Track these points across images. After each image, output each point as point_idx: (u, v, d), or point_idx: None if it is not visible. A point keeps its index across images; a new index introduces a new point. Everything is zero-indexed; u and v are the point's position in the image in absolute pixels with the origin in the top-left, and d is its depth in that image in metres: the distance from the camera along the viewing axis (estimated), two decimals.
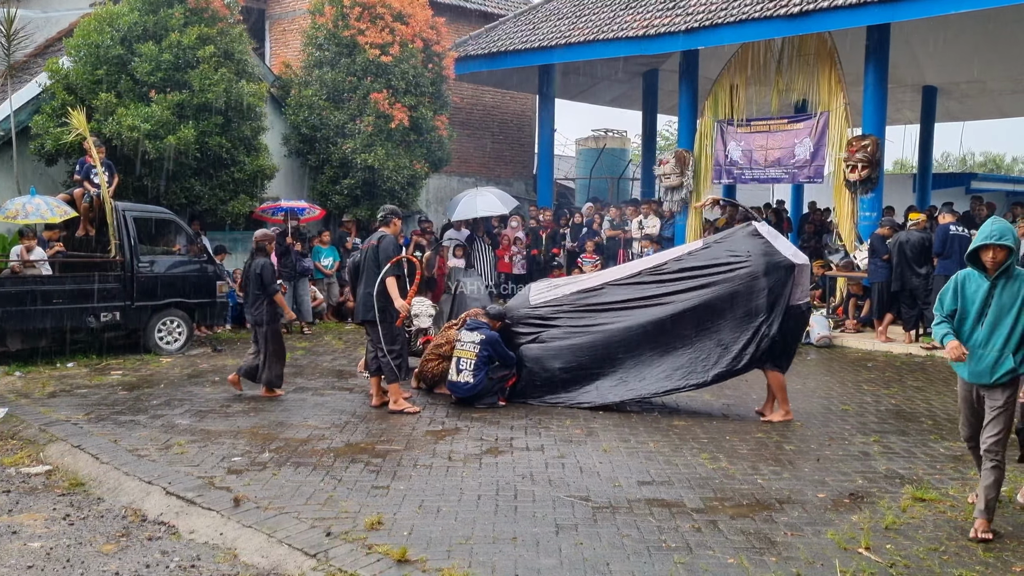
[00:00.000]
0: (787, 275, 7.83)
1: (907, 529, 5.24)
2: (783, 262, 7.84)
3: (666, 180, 16.22)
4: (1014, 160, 49.97)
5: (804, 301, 8.09)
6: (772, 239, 8.05)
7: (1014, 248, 5.01)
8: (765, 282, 7.83)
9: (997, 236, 4.98)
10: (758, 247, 7.98)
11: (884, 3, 12.59)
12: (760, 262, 7.87)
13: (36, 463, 6.78)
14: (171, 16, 13.08)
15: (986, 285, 5.11)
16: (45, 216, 11.16)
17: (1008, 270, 5.06)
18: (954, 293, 5.26)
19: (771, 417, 7.98)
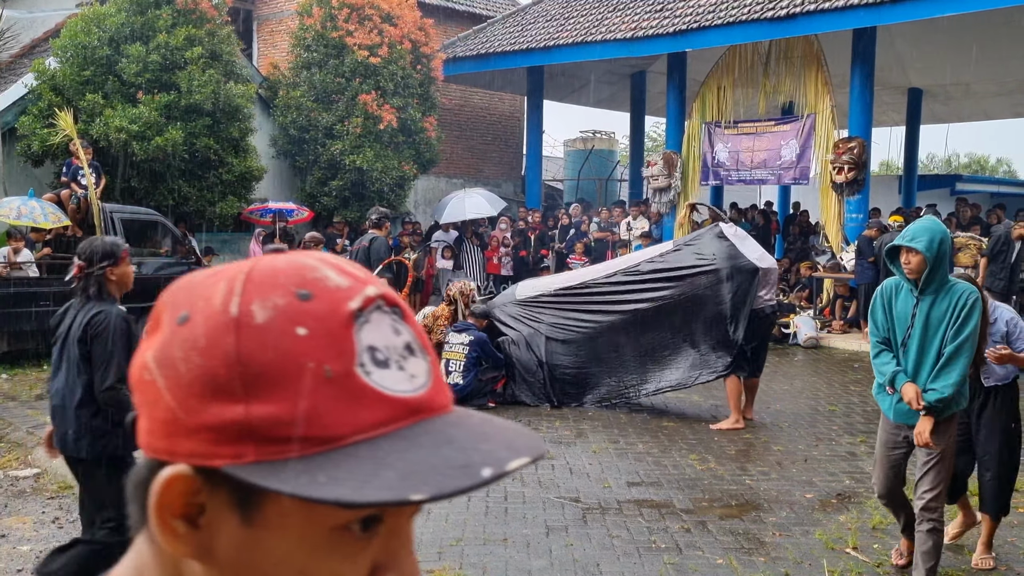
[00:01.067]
0: (751, 279, 7.74)
1: (894, 529, 5.28)
2: (747, 266, 7.77)
3: (654, 182, 16.29)
4: (999, 161, 50.40)
5: (769, 305, 8.00)
6: (738, 241, 8.00)
7: (935, 254, 4.03)
8: (729, 286, 7.78)
9: (909, 237, 4.09)
10: (723, 250, 7.93)
11: (870, 7, 12.70)
12: (725, 265, 7.83)
13: (24, 466, 6.75)
14: (159, 17, 13.05)
15: (912, 302, 4.19)
16: (37, 220, 11.08)
17: (936, 282, 4.11)
18: (884, 309, 4.34)
19: (719, 425, 7.82)
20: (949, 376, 4.05)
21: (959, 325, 4.05)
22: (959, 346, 4.04)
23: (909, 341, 4.18)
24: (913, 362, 4.19)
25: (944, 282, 4.13)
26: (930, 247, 4.01)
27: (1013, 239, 11.56)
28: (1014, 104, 21.86)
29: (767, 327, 8.18)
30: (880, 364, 4.32)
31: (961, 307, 4.06)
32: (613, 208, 17.63)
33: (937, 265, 4.05)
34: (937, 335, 4.12)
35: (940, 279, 4.11)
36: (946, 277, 4.14)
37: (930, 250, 4.01)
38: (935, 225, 4.15)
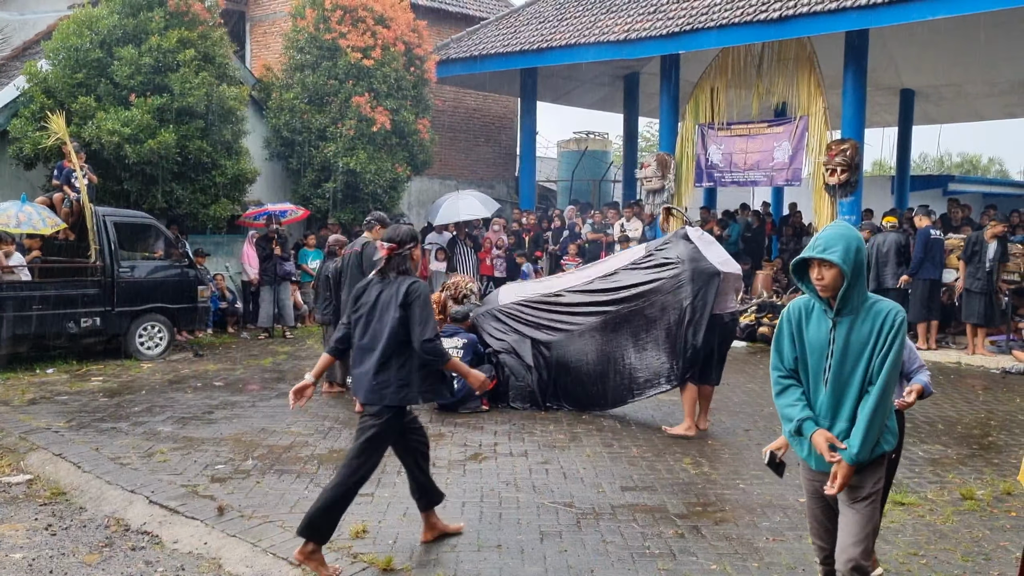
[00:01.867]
0: (711, 282, 7.62)
1: (886, 533, 5.30)
2: (708, 268, 7.65)
3: (648, 183, 16.32)
4: (991, 161, 50.57)
5: (729, 311, 7.83)
6: (703, 245, 7.89)
7: (852, 266, 3.45)
8: (690, 289, 7.67)
9: (821, 247, 3.49)
10: (687, 252, 7.83)
11: (862, 9, 12.73)
12: (687, 268, 7.73)
13: (17, 472, 6.73)
14: (151, 19, 13.01)
15: (828, 325, 3.56)
16: (37, 227, 11.05)
17: (855, 300, 3.50)
18: (792, 336, 3.68)
19: (672, 431, 7.73)
20: (872, 423, 3.44)
21: (885, 352, 3.43)
22: (886, 383, 3.42)
23: (828, 373, 3.52)
24: (830, 399, 3.53)
25: (864, 300, 3.52)
26: (846, 258, 3.44)
27: (987, 240, 11.62)
28: (1006, 105, 21.94)
29: (727, 334, 7.95)
30: (784, 406, 3.66)
31: (888, 330, 3.45)
32: (607, 210, 17.64)
33: (855, 279, 3.47)
34: (860, 365, 3.49)
35: (859, 296, 3.50)
36: (865, 293, 3.54)
37: (847, 262, 3.43)
38: (849, 232, 3.55)
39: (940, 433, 7.93)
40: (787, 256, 17.21)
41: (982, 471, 6.71)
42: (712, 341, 7.69)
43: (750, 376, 10.67)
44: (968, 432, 8.00)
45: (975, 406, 9.10)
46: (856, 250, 3.47)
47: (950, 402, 9.29)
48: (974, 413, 8.78)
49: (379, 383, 4.80)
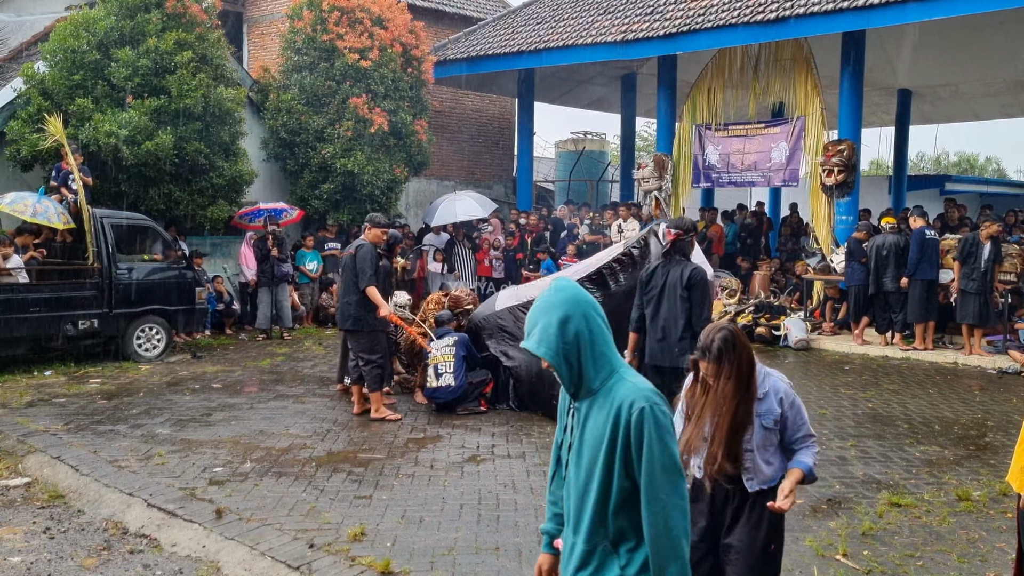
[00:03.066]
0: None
1: (884, 535, 5.32)
2: None
3: (645, 184, 16.33)
4: (988, 160, 50.63)
5: None
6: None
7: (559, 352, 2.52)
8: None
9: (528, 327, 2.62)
10: (656, 251, 7.57)
11: (859, 10, 12.75)
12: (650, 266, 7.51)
13: (15, 475, 6.73)
14: (148, 21, 13.00)
15: (567, 405, 2.71)
16: (52, 220, 11.11)
17: (587, 381, 2.57)
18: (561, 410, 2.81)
19: None
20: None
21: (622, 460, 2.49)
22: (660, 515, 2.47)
23: (567, 470, 2.67)
24: (574, 503, 2.63)
25: (605, 378, 2.56)
26: (545, 341, 2.53)
27: (982, 240, 11.64)
28: (1002, 105, 21.99)
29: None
30: (547, 498, 2.90)
31: (625, 428, 2.48)
32: (603, 210, 17.66)
33: (576, 360, 2.54)
34: (596, 469, 2.53)
35: (590, 375, 2.55)
36: (604, 370, 2.56)
37: (546, 345, 2.53)
38: (553, 300, 2.56)
39: (936, 434, 7.95)
40: (784, 256, 17.26)
41: (978, 472, 6.72)
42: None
43: None
44: (965, 433, 8.02)
45: (972, 407, 9.12)
46: (561, 324, 2.52)
47: (947, 403, 9.31)
48: (971, 414, 8.80)
49: (680, 350, 5.86)
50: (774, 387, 3.42)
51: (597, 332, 2.59)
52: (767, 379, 3.43)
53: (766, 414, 3.37)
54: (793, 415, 3.42)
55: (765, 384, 3.40)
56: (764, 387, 3.39)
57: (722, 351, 3.24)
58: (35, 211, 10.93)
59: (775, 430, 3.39)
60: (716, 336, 3.27)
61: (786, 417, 3.40)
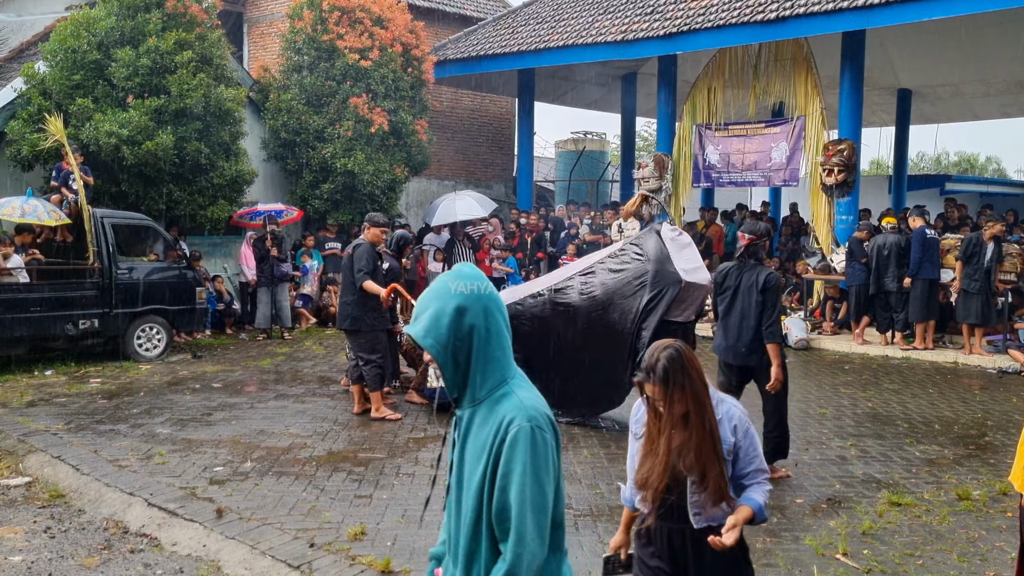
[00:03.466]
0: (670, 289, 7.30)
1: (883, 534, 5.33)
2: (671, 275, 7.33)
3: (645, 184, 16.32)
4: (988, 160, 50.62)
5: (682, 320, 7.44)
6: (675, 247, 7.56)
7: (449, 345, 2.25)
8: (648, 293, 7.38)
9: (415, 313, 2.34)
10: (655, 251, 7.54)
11: (859, 10, 12.75)
12: (651, 269, 7.44)
13: (15, 475, 6.74)
14: (148, 21, 13.00)
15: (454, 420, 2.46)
16: (41, 219, 11.11)
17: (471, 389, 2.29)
18: None
19: None
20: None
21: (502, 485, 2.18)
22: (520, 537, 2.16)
23: (450, 491, 2.39)
24: (453, 526, 2.37)
25: (494, 386, 2.27)
26: (434, 330, 2.24)
27: (986, 240, 11.65)
28: (1002, 105, 21.99)
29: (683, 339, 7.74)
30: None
31: (499, 445, 2.20)
32: (603, 210, 17.67)
33: (465, 359, 2.26)
34: (472, 489, 2.26)
35: (480, 381, 2.27)
36: (497, 376, 2.28)
37: (434, 336, 2.24)
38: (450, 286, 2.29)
39: (937, 433, 7.96)
40: (784, 255, 17.26)
41: (978, 471, 6.73)
42: None
43: None
44: (965, 432, 8.02)
45: (972, 406, 9.13)
46: (456, 313, 2.24)
47: (947, 402, 9.31)
48: (971, 413, 8.80)
49: (750, 348, 6.22)
50: (728, 414, 3.09)
51: (495, 332, 2.27)
52: (721, 405, 3.09)
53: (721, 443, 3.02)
54: (747, 445, 3.08)
55: (719, 410, 3.06)
56: (717, 413, 3.04)
57: (668, 372, 2.85)
58: (23, 212, 10.91)
59: (728, 460, 3.04)
60: (661, 355, 2.88)
61: (739, 447, 3.05)
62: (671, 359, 2.87)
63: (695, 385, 2.90)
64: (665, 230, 7.74)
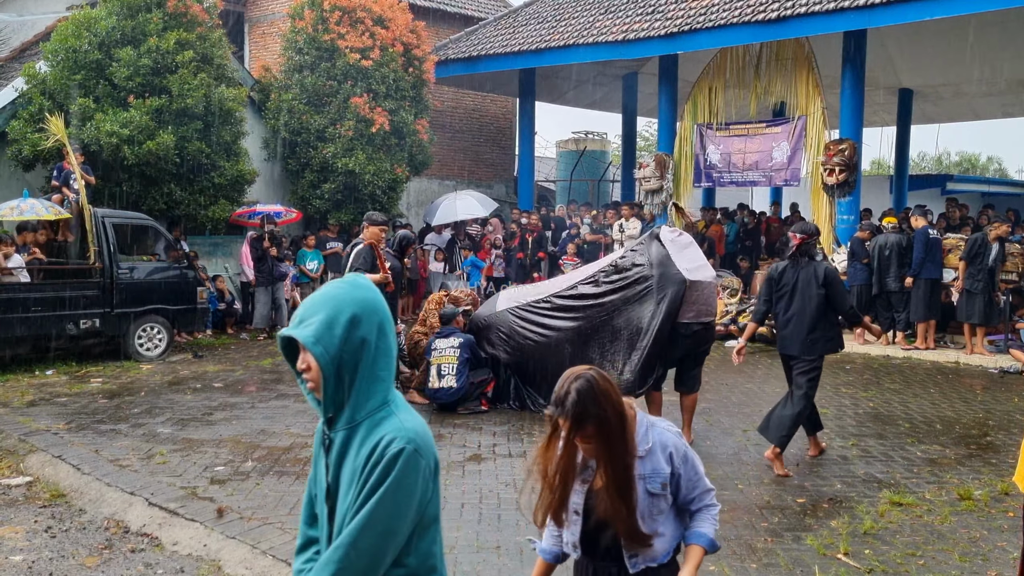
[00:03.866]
0: (676, 291, 7.23)
1: (885, 534, 5.32)
2: (675, 276, 7.26)
3: (646, 183, 16.33)
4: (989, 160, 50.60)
5: (698, 321, 7.32)
6: (676, 248, 7.51)
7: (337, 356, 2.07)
8: (655, 297, 7.33)
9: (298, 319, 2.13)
10: (656, 256, 7.51)
11: (860, 9, 12.75)
12: (654, 273, 7.41)
13: (16, 474, 6.74)
14: (149, 21, 13.01)
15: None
16: (40, 213, 11.14)
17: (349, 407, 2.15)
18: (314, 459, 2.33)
19: None
20: None
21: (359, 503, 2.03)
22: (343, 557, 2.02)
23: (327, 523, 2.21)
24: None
25: (375, 407, 2.12)
26: (326, 337, 2.07)
27: (990, 241, 11.64)
28: (1004, 104, 21.97)
29: (695, 344, 7.40)
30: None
31: (373, 467, 2.04)
32: (605, 210, 17.66)
33: (351, 375, 2.10)
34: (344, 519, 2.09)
35: (360, 401, 2.12)
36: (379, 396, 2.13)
37: (325, 343, 2.07)
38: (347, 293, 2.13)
39: (938, 433, 7.95)
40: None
41: (980, 471, 6.72)
42: (678, 351, 7.35)
43: (748, 376, 10.68)
44: (966, 432, 8.01)
45: (973, 406, 9.12)
46: (350, 323, 2.08)
47: (948, 402, 9.30)
48: (972, 413, 8.79)
49: (811, 340, 6.61)
50: (660, 441, 2.70)
51: (384, 351, 2.12)
52: (651, 431, 2.71)
53: (652, 476, 2.66)
54: (688, 471, 2.74)
55: (648, 438, 2.69)
56: (647, 442, 2.68)
57: (578, 405, 2.51)
58: (21, 210, 10.96)
59: (664, 495, 2.69)
60: (572, 386, 2.55)
61: (678, 475, 2.71)
62: (581, 390, 2.53)
63: (609, 421, 2.54)
64: (664, 233, 7.71)
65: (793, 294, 6.70)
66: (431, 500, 2.13)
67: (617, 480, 2.58)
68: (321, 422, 2.22)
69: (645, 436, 2.69)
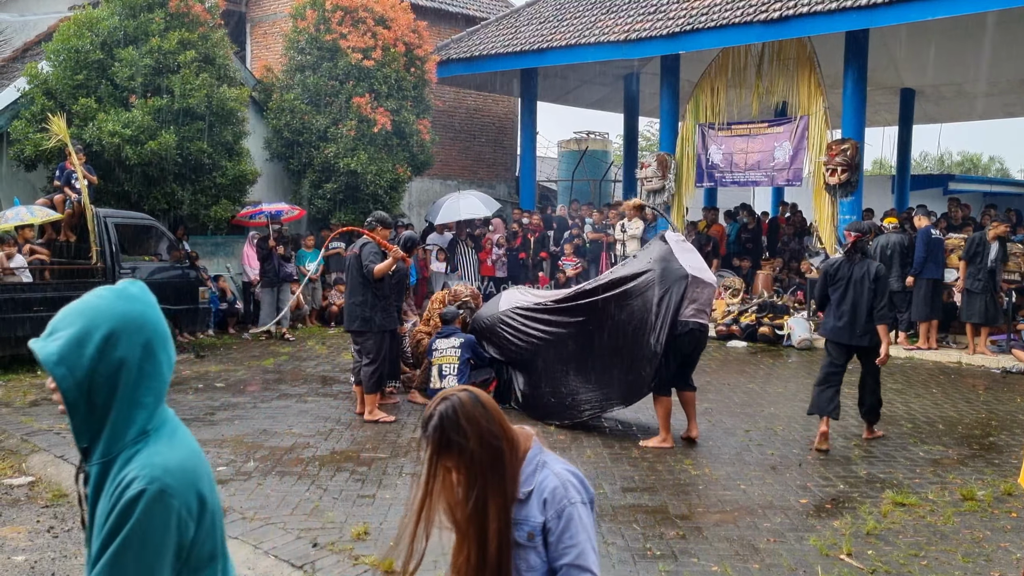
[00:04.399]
0: (678, 284, 7.18)
1: (887, 535, 5.31)
2: (677, 270, 7.24)
3: (648, 183, 16.31)
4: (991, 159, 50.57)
5: (695, 320, 7.24)
6: (680, 250, 7.49)
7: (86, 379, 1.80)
8: (657, 291, 7.26)
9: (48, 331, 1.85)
10: (659, 252, 7.51)
11: (862, 9, 12.73)
12: (656, 268, 7.37)
13: (18, 474, 6.74)
14: (151, 21, 13.02)
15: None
16: (24, 219, 11.13)
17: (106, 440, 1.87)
18: None
19: (646, 443, 7.37)
20: None
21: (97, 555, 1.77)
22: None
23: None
24: None
25: (137, 437, 1.85)
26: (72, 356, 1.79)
27: (989, 240, 11.63)
28: (1006, 104, 21.94)
29: (693, 345, 7.36)
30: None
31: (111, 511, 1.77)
32: (607, 209, 17.64)
33: (106, 401, 1.82)
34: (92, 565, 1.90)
35: (115, 432, 1.84)
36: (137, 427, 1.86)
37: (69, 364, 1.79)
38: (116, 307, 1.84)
39: (941, 433, 7.94)
40: (787, 255, 17.23)
41: (983, 471, 6.71)
42: (683, 349, 7.29)
43: (750, 376, 10.68)
44: (969, 432, 8.01)
45: (976, 406, 9.11)
46: (104, 341, 1.79)
47: (951, 402, 9.30)
48: (975, 413, 8.79)
49: (864, 330, 7.33)
50: (541, 485, 2.24)
51: (150, 374, 1.85)
52: (539, 472, 2.26)
53: (522, 523, 2.22)
54: (560, 529, 2.19)
55: (533, 479, 2.25)
56: (530, 483, 2.24)
57: (437, 430, 2.18)
58: (6, 217, 10.98)
59: (534, 547, 2.21)
60: (436, 408, 2.22)
61: (549, 529, 2.20)
62: (444, 414, 2.19)
63: (471, 452, 2.16)
64: (669, 235, 7.75)
65: (848, 288, 7.33)
66: (200, 541, 1.83)
67: (477, 524, 2.15)
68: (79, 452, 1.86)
69: (531, 477, 2.24)
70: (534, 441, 2.31)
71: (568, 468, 2.32)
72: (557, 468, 2.28)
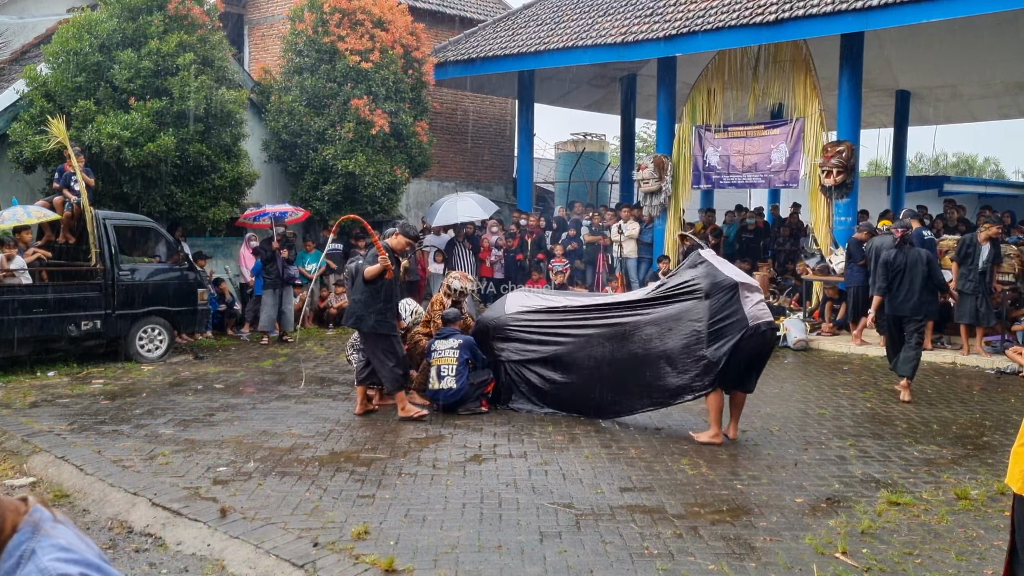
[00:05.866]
0: (731, 293, 7.37)
1: (882, 533, 5.37)
2: (725, 281, 7.42)
3: (645, 185, 16.37)
4: (986, 161, 50.71)
5: (765, 322, 7.40)
6: (718, 263, 7.73)
7: None
8: (709, 303, 7.42)
9: None
10: (701, 270, 7.67)
11: (858, 12, 12.80)
12: (704, 284, 7.53)
13: (19, 475, 6.78)
14: (150, 23, 13.05)
15: None
16: (21, 220, 11.14)
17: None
18: None
19: (698, 437, 7.58)
20: None
21: None
22: None
23: None
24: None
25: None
26: None
27: (980, 242, 11.69)
28: (1001, 106, 22.04)
29: (761, 344, 7.49)
30: None
31: None
32: (604, 211, 17.71)
33: None
34: None
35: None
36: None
37: None
38: None
39: (935, 433, 8.00)
40: (783, 257, 17.31)
41: (977, 471, 6.78)
42: (747, 351, 7.39)
43: None
44: (963, 432, 8.07)
45: (970, 406, 9.18)
46: None
47: (945, 402, 9.36)
48: (969, 413, 8.85)
49: (921, 302, 9.28)
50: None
51: None
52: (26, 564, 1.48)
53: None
54: None
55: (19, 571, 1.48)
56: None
57: None
58: (3, 218, 10.98)
59: None
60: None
61: None
62: None
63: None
64: (704, 252, 7.96)
65: (905, 272, 9.23)
66: None
67: None
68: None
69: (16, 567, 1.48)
70: (28, 516, 1.52)
71: (75, 558, 1.50)
72: (48, 561, 1.47)
